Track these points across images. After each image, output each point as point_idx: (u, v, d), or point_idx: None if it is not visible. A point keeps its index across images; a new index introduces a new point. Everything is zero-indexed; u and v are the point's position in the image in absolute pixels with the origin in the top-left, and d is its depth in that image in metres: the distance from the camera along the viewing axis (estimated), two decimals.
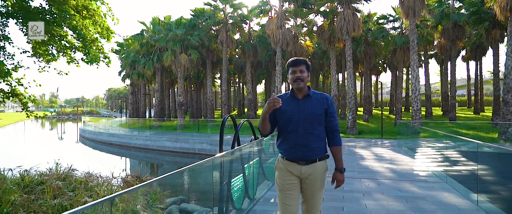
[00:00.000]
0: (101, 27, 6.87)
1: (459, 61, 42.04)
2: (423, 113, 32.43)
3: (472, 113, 34.98)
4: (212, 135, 21.57)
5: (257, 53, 31.90)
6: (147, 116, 44.73)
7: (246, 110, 41.41)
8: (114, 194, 2.44)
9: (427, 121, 24.80)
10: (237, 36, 31.58)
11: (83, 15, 6.38)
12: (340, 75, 39.55)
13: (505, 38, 19.50)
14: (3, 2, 6.50)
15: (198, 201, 8.56)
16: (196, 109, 43.25)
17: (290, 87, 2.89)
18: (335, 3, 22.84)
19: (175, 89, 47.71)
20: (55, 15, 6.41)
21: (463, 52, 37.13)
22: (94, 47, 6.97)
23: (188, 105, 47.40)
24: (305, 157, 2.81)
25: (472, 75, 38.42)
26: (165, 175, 3.14)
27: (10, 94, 7.06)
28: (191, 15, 31.19)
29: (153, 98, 49.17)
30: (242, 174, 5.50)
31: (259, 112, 39.65)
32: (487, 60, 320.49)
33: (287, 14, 24.54)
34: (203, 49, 31.04)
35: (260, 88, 67.91)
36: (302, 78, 2.79)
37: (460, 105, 51.17)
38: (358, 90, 57.60)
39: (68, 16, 6.27)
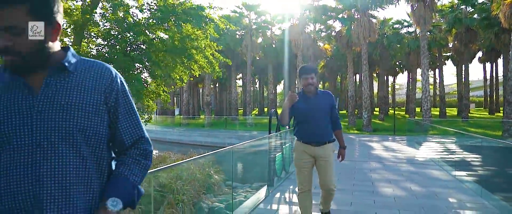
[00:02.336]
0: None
1: (477, 62, 43.01)
2: (437, 112, 33.80)
3: (487, 113, 36.08)
4: (239, 131, 23.85)
5: (278, 56, 34.01)
6: (176, 114, 47.53)
7: (266, 109, 43.60)
8: (188, 159, 4.58)
9: (439, 120, 26.35)
10: (259, 40, 33.79)
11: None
12: (357, 76, 41.23)
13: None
14: None
15: (254, 166, 10.67)
16: (220, 108, 45.75)
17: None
18: (352, 10, 24.73)
19: (199, 89, 50.36)
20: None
21: (479, 54, 38.19)
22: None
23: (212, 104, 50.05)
24: (317, 140, 3.57)
25: (489, 76, 39.42)
26: (235, 145, 5.27)
27: None
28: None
29: (181, 98, 51.94)
30: (281, 152, 7.65)
31: (279, 110, 41.80)
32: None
33: (307, 20, 26.59)
34: (228, 53, 33.39)
35: (279, 88, 69.96)
36: (312, 83, 3.55)
37: (477, 106, 51.83)
38: (375, 90, 58.89)
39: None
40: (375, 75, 48.72)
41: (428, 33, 22.17)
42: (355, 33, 23.25)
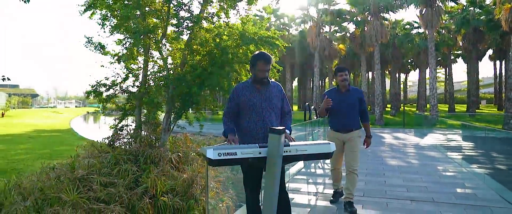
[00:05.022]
0: None
1: (488, 60, 44.33)
2: (446, 108, 35.48)
3: (497, 109, 37.58)
4: None
5: (295, 56, 36.16)
6: None
7: None
8: None
9: (448, 115, 28.17)
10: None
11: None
12: (370, 74, 43.09)
13: None
14: None
15: None
16: None
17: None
18: (366, 13, 26.71)
19: None
20: None
21: (490, 52, 39.63)
22: None
23: None
24: (346, 128, 4.22)
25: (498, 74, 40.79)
26: None
27: None
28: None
29: None
30: (311, 136, 9.92)
31: (295, 108, 44.10)
32: None
33: (323, 23, 28.68)
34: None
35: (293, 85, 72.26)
36: (347, 79, 4.21)
37: (488, 102, 53.08)
38: (387, 88, 60.52)
39: None
40: (387, 72, 50.51)
41: (436, 34, 24.04)
42: (368, 35, 25.26)
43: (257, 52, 3.26)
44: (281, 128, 2.62)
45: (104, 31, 7.03)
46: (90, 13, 7.28)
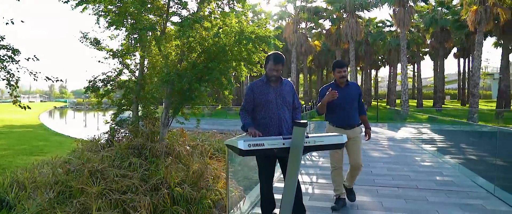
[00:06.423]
0: None
1: (453, 58, 46.90)
2: (415, 103, 37.28)
3: (460, 105, 39.84)
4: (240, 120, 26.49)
5: (271, 51, 36.57)
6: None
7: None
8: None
9: (417, 110, 29.68)
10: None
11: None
12: None
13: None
14: None
15: None
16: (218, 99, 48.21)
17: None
18: (342, 11, 27.54)
19: None
20: None
21: (454, 50, 41.86)
22: None
23: None
24: (349, 124, 4.12)
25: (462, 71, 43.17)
26: None
27: None
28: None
29: None
30: None
31: None
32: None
33: (300, 19, 29.29)
34: None
35: None
36: (345, 75, 4.11)
37: (452, 98, 56.07)
38: (359, 83, 62.56)
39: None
40: (358, 68, 52.20)
41: (407, 32, 25.28)
42: (344, 33, 26.10)
43: (271, 52, 3.58)
44: (304, 121, 2.97)
45: (99, 26, 7.09)
46: (82, 8, 7.30)
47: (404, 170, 6.81)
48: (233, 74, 7.64)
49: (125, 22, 6.45)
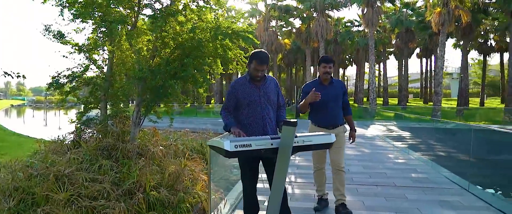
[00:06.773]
0: None
1: (416, 58, 48.95)
2: (381, 102, 38.48)
3: (423, 103, 41.60)
4: (211, 118, 26.13)
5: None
6: None
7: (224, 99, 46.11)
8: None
9: (383, 108, 30.60)
10: None
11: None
12: (312, 68, 44.97)
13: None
14: None
15: None
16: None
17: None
18: (312, 10, 27.83)
19: None
20: None
21: (417, 50, 43.62)
22: None
23: None
24: (331, 123, 3.91)
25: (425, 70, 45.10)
26: None
27: None
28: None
29: None
30: None
31: None
32: None
33: (271, 17, 29.30)
34: None
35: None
36: (330, 72, 3.83)
37: (415, 96, 58.51)
38: None
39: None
40: None
41: (375, 32, 26.00)
42: (314, 31, 26.39)
43: (256, 50, 3.35)
44: (294, 120, 2.81)
45: (63, 19, 6.60)
46: None
47: (379, 168, 6.86)
48: (208, 71, 7.38)
49: (92, 14, 6.03)
